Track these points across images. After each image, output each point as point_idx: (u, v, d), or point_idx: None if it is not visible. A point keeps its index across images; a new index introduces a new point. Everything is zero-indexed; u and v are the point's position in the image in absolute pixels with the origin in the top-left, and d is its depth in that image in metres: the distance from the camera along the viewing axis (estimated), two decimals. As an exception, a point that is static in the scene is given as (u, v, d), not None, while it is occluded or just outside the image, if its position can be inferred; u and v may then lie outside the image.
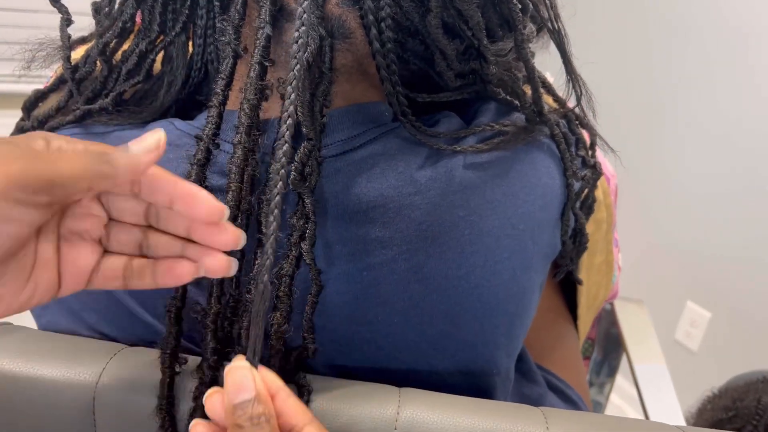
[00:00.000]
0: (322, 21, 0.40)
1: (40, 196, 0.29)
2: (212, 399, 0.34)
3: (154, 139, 0.34)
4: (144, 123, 0.46)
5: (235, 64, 0.41)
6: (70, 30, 0.50)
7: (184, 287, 0.40)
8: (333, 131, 0.43)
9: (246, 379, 0.33)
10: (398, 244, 0.42)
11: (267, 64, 0.41)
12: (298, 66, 0.38)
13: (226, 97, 0.41)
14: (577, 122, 0.54)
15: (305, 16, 0.37)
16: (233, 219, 0.39)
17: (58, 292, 0.34)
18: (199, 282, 0.39)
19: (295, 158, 0.40)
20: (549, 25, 0.44)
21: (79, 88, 0.48)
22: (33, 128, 0.48)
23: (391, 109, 0.44)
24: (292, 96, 0.37)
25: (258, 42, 0.40)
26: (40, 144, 0.29)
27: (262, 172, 0.41)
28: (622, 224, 1.62)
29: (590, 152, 0.54)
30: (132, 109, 0.48)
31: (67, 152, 0.30)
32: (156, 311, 0.43)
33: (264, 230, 0.36)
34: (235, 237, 0.35)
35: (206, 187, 0.40)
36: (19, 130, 0.49)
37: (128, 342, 0.44)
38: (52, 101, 0.49)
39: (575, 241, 0.54)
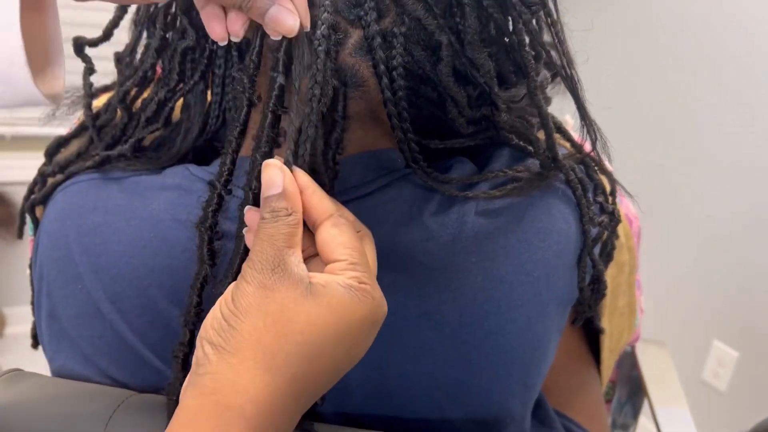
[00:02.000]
0: (335, 72, 0.41)
1: None
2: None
3: (284, 26, 0.35)
4: (161, 168, 0.47)
5: (249, 113, 0.42)
6: (94, 78, 0.51)
7: (192, 333, 0.40)
8: (345, 178, 0.43)
9: (276, 176, 0.35)
10: (410, 290, 0.42)
11: (280, 112, 0.41)
12: (312, 115, 0.38)
13: (239, 144, 0.42)
14: (595, 167, 0.53)
15: (319, 66, 0.38)
16: (241, 261, 0.39)
17: None
18: None
19: None
20: (562, 71, 0.44)
21: (99, 135, 0.49)
22: (54, 173, 0.49)
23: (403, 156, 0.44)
24: (305, 144, 0.38)
25: (272, 91, 0.41)
26: None
27: None
28: (645, 263, 1.59)
29: (610, 198, 0.54)
30: (150, 155, 0.48)
31: None
32: (165, 356, 0.43)
33: None
34: None
35: (217, 233, 0.41)
36: (41, 174, 0.50)
37: (138, 387, 0.44)
38: (74, 147, 0.50)
39: (593, 288, 0.53)
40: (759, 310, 1.62)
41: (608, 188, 0.54)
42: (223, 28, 0.37)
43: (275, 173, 0.36)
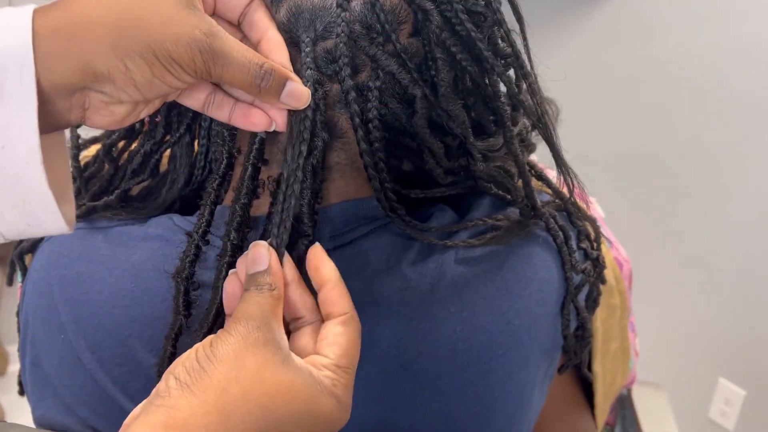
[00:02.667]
0: (324, 125, 0.41)
1: (200, 78, 0.36)
2: (239, 265, 0.39)
3: (304, 96, 0.39)
4: (148, 218, 0.48)
5: (229, 165, 0.43)
6: (84, 129, 0.52)
7: None
8: (325, 227, 0.43)
9: (263, 256, 0.37)
10: (388, 340, 0.42)
11: (260, 165, 0.42)
12: (299, 171, 0.39)
13: (218, 196, 0.42)
14: (578, 214, 0.54)
15: (306, 125, 0.39)
16: (217, 313, 0.40)
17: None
18: None
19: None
20: (536, 121, 0.45)
21: (87, 186, 0.49)
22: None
23: None
24: (284, 196, 0.39)
25: (252, 144, 0.42)
26: (220, 41, 0.35)
27: None
28: (647, 300, 1.58)
29: (594, 244, 0.54)
30: (137, 205, 0.49)
31: (236, 59, 0.36)
32: None
33: None
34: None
35: (193, 283, 0.42)
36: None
37: None
38: None
39: (579, 335, 0.52)
40: (766, 348, 1.60)
41: (592, 234, 0.54)
42: (262, 115, 0.40)
43: (262, 252, 0.37)
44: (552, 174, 0.70)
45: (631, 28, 1.85)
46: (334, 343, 0.36)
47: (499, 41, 0.43)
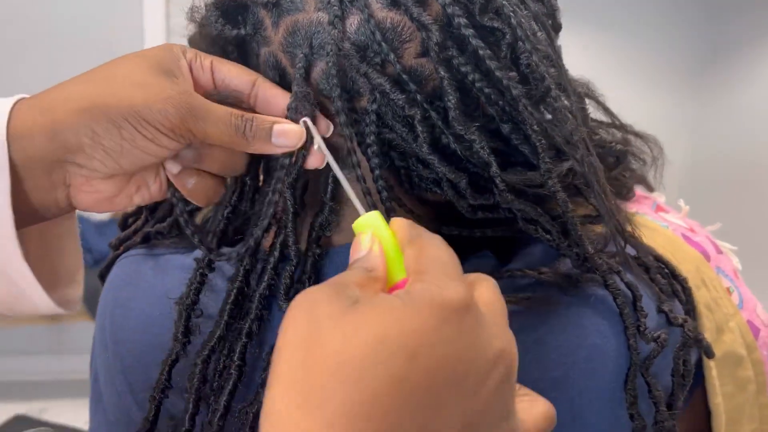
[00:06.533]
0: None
1: (184, 141, 0.35)
2: None
3: (294, 133, 0.38)
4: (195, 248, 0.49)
5: (241, 194, 0.42)
6: None
7: (158, 409, 0.41)
8: (334, 268, 0.41)
9: (363, 244, 0.32)
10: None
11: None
12: (289, 197, 0.39)
13: (226, 226, 0.43)
14: (666, 270, 0.44)
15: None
16: (219, 338, 0.40)
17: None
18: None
19: (283, 282, 0.40)
20: (575, 163, 0.38)
21: (153, 213, 0.53)
22: (116, 247, 0.53)
23: None
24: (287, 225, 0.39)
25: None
26: (198, 98, 0.35)
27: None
28: None
29: (687, 306, 0.44)
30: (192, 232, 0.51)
31: (215, 114, 0.36)
32: None
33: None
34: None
35: (195, 310, 0.43)
36: (109, 245, 0.55)
37: None
38: (138, 222, 0.55)
39: (658, 420, 0.43)
40: None
41: (683, 295, 0.44)
42: (318, 156, 0.39)
43: (365, 240, 0.32)
44: (676, 218, 0.60)
45: None
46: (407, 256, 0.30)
47: (531, 61, 0.37)
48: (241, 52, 0.42)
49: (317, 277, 0.41)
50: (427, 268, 0.28)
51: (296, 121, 0.38)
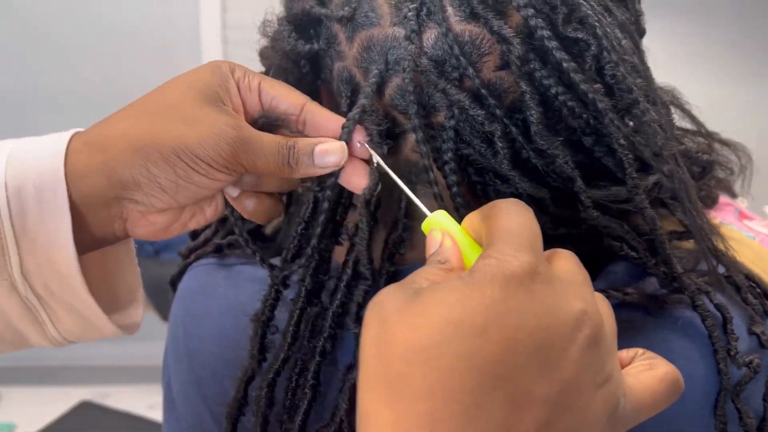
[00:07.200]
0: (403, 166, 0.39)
1: (237, 175, 0.36)
2: None
3: (336, 147, 0.37)
4: (273, 256, 0.49)
5: (314, 209, 0.42)
6: None
7: (234, 425, 0.41)
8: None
9: (435, 240, 0.32)
10: None
11: (341, 210, 0.41)
12: (365, 215, 0.38)
13: (301, 241, 0.42)
14: (758, 290, 0.42)
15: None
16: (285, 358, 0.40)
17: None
18: None
19: (355, 301, 0.40)
20: (658, 170, 0.37)
21: (223, 223, 0.53)
22: (186, 256, 0.54)
23: None
24: (359, 242, 0.38)
25: (333, 189, 0.40)
26: (248, 131, 0.35)
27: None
28: None
29: None
30: (266, 245, 0.51)
31: (264, 146, 0.36)
32: None
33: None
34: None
35: (271, 326, 0.42)
36: (180, 254, 0.56)
37: None
38: (208, 231, 0.55)
39: None
40: None
41: None
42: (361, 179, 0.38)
43: (436, 236, 0.32)
44: (761, 226, 0.57)
45: None
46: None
47: (617, 72, 0.36)
48: (313, 67, 0.42)
49: None
50: (493, 241, 0.27)
51: (349, 141, 0.37)
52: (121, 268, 0.40)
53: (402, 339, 0.25)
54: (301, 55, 0.41)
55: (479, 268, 0.26)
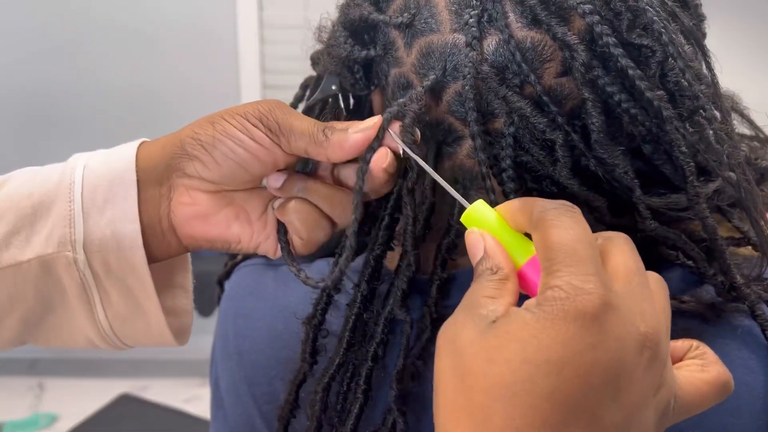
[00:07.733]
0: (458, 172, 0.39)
1: (272, 134, 0.37)
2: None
3: (369, 122, 0.37)
4: (322, 257, 0.50)
5: (362, 213, 0.42)
6: None
7: (286, 428, 0.42)
8: (459, 291, 0.40)
9: (477, 242, 0.32)
10: None
11: (397, 216, 0.41)
12: (411, 221, 0.38)
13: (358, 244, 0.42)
14: None
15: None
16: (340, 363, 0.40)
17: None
18: None
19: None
20: (722, 177, 0.36)
21: None
22: (233, 256, 0.55)
23: None
24: (409, 251, 0.38)
25: (390, 194, 0.40)
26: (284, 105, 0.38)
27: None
28: None
29: None
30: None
31: (300, 116, 0.38)
32: None
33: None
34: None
35: (322, 330, 0.43)
36: (229, 255, 0.56)
37: None
38: None
39: None
40: None
41: None
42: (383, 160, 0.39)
43: (475, 239, 0.32)
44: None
45: None
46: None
47: (683, 79, 0.35)
48: (367, 72, 0.42)
49: (442, 301, 0.40)
50: (555, 265, 0.27)
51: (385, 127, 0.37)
52: (176, 281, 0.43)
53: (481, 374, 0.26)
54: (357, 61, 0.41)
55: (548, 301, 0.26)
